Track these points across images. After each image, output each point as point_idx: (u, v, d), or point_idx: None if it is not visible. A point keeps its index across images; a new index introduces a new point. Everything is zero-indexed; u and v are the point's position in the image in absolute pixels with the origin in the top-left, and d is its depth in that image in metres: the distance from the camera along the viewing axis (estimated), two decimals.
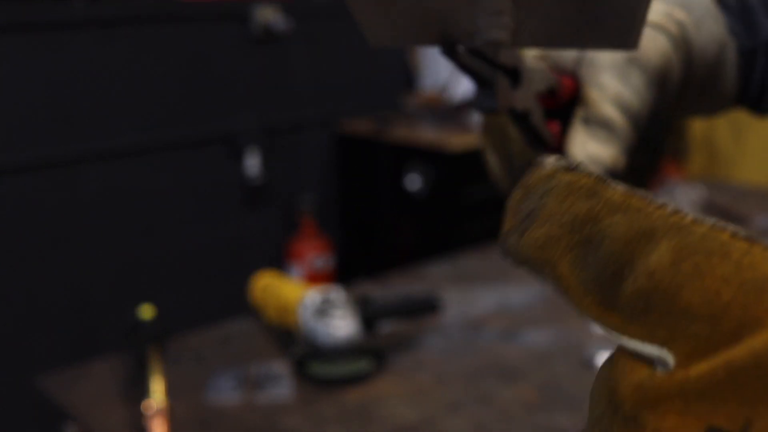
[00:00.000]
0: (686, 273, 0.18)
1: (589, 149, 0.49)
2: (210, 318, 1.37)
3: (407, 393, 1.00)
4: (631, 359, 0.19)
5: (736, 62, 0.58)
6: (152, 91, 2.56)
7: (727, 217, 1.64)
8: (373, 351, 1.04)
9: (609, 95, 0.50)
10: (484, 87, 0.41)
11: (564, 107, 0.52)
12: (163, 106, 2.60)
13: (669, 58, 0.53)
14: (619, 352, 0.20)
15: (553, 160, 0.22)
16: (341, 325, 1.00)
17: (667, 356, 0.18)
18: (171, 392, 0.99)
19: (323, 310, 1.02)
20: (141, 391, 0.99)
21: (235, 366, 1.06)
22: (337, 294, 1.06)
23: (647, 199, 0.19)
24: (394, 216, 2.88)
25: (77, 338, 2.50)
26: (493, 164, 0.56)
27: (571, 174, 0.20)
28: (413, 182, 2.80)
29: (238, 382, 1.02)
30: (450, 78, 3.15)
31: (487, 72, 0.40)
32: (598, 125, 0.50)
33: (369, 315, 1.06)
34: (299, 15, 2.81)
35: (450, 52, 0.35)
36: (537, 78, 0.46)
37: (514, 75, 0.43)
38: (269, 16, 2.72)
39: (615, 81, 0.51)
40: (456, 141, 2.67)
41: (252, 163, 2.80)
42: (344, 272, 3.05)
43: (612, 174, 0.49)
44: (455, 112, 2.95)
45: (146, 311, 1.05)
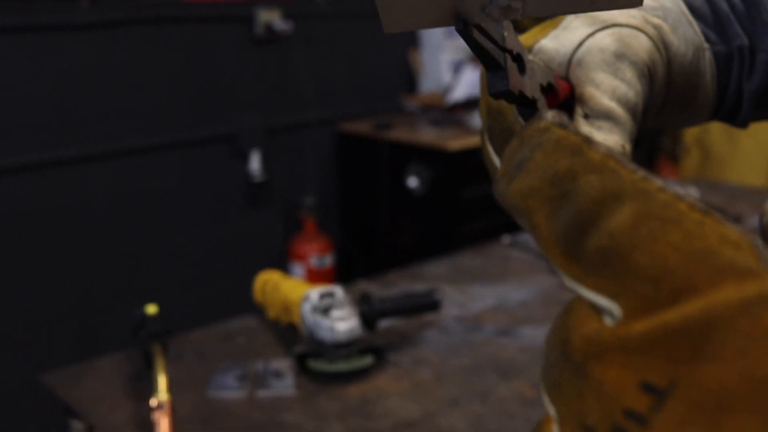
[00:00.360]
0: (642, 236, 0.19)
1: (596, 139, 0.51)
2: (212, 316, 1.38)
3: (407, 389, 1.01)
4: (584, 312, 0.20)
5: (713, 68, 0.59)
6: (154, 92, 2.58)
7: None
8: (374, 348, 1.05)
9: (605, 90, 0.52)
10: (496, 70, 0.43)
11: (560, 108, 0.53)
12: (166, 107, 2.61)
13: (654, 56, 0.55)
14: (574, 304, 0.21)
15: (551, 115, 0.23)
16: (342, 323, 1.02)
17: (616, 309, 0.19)
18: (174, 389, 1.00)
19: (324, 308, 1.03)
20: (145, 388, 1.00)
21: (238, 363, 1.08)
22: (338, 292, 1.07)
23: (623, 163, 0.21)
24: (394, 215, 2.90)
25: (82, 336, 2.51)
26: (495, 163, 0.57)
27: (562, 131, 0.22)
28: (413, 182, 2.82)
29: (241, 379, 1.03)
30: (450, 80, 3.16)
31: (498, 54, 0.42)
32: (600, 117, 0.51)
33: (369, 313, 1.08)
34: (301, 17, 2.83)
35: (464, 31, 0.37)
36: (538, 71, 0.48)
37: (520, 62, 0.45)
38: (271, 18, 2.73)
39: (608, 77, 0.52)
40: (455, 141, 2.68)
41: (254, 163, 2.81)
42: (345, 271, 3.06)
43: None
44: (455, 113, 2.96)
45: (150, 309, 1.06)
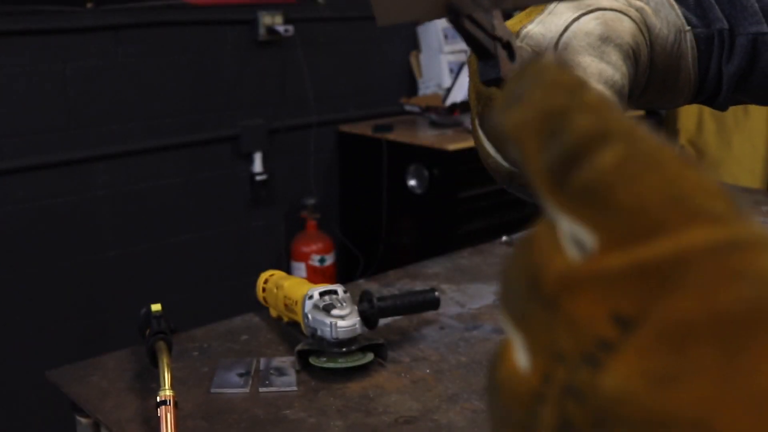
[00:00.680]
0: (624, 176, 0.20)
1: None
2: (216, 314, 1.40)
3: (406, 385, 1.02)
4: (550, 247, 0.21)
5: (694, 50, 0.60)
6: (158, 94, 2.59)
7: None
8: (374, 345, 1.06)
9: (592, 73, 0.53)
10: (487, 59, 0.44)
11: None
12: (169, 109, 2.62)
13: (637, 38, 0.56)
14: (536, 240, 0.22)
15: (551, 58, 0.24)
16: (343, 321, 1.03)
17: (591, 241, 0.20)
18: (178, 385, 1.01)
19: (326, 307, 1.05)
20: (150, 385, 1.02)
21: (241, 360, 1.09)
22: (339, 291, 1.08)
23: (617, 109, 0.21)
24: (395, 215, 2.91)
25: (87, 334, 2.53)
26: (494, 157, 0.58)
27: (563, 71, 0.22)
28: (413, 182, 2.83)
29: (243, 376, 1.05)
30: (450, 82, 3.17)
31: (488, 43, 0.43)
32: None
33: (370, 311, 1.09)
34: (303, 19, 2.84)
35: (455, 21, 0.38)
36: (527, 57, 0.49)
37: (510, 50, 0.46)
38: (274, 21, 2.75)
39: (594, 60, 0.53)
40: (455, 142, 2.70)
41: (256, 164, 2.83)
42: (345, 270, 3.08)
43: None
44: (454, 115, 2.98)
45: (155, 308, 1.08)
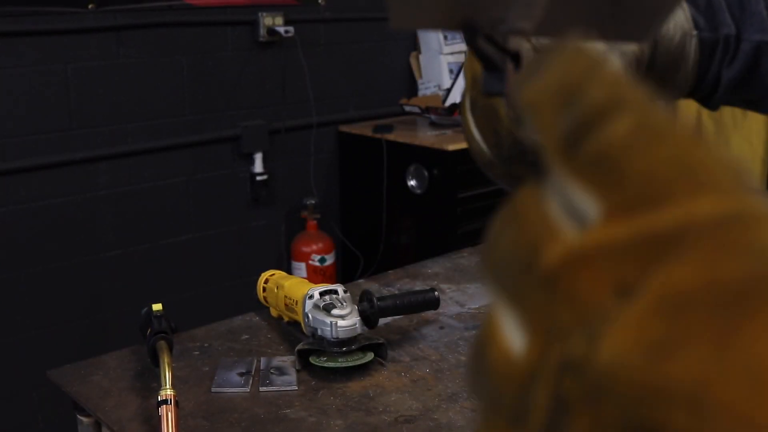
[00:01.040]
0: (636, 146, 0.20)
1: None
2: (217, 314, 1.40)
3: (406, 385, 1.03)
4: (545, 228, 0.21)
5: (697, 53, 0.61)
6: (159, 94, 2.60)
7: None
8: (374, 345, 1.07)
9: None
10: (494, 72, 0.43)
11: None
12: (170, 109, 2.63)
13: (642, 46, 0.56)
14: (529, 204, 0.22)
15: (577, 42, 0.24)
16: (343, 321, 1.04)
17: (596, 210, 0.20)
18: (179, 384, 1.02)
19: (326, 306, 1.05)
20: (151, 384, 1.02)
21: (241, 359, 1.09)
22: (339, 290, 1.09)
23: (633, 83, 0.21)
24: (395, 215, 2.92)
25: (89, 334, 2.53)
26: (479, 143, 0.58)
27: (585, 52, 0.22)
28: (413, 182, 2.84)
29: (244, 375, 1.05)
30: (450, 82, 3.18)
31: (499, 57, 0.43)
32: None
33: (370, 310, 1.09)
34: (303, 21, 2.85)
35: (471, 38, 0.38)
36: (531, 61, 0.49)
37: (517, 59, 0.46)
38: (274, 22, 2.76)
39: None
40: (455, 142, 2.70)
41: (257, 164, 2.83)
42: (346, 270, 3.08)
43: None
44: (454, 115, 2.98)
45: (156, 307, 1.08)
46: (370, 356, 1.06)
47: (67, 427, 1.19)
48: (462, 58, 3.24)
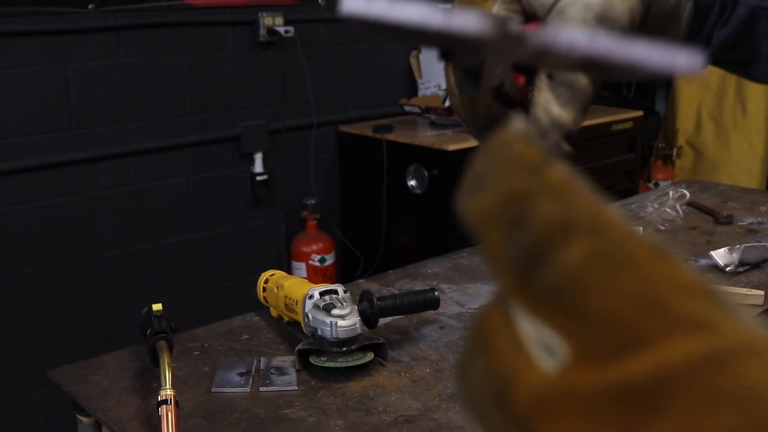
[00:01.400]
0: (593, 278, 0.18)
1: (552, 111, 0.52)
2: (217, 314, 1.40)
3: (406, 385, 1.03)
4: (518, 356, 0.19)
5: (690, 17, 0.61)
6: (159, 94, 2.60)
7: (713, 217, 1.67)
8: (374, 345, 1.07)
9: None
10: (471, 75, 0.44)
11: None
12: (171, 109, 2.63)
13: (634, 12, 0.55)
14: (500, 343, 0.19)
15: (516, 126, 0.22)
16: (343, 321, 1.04)
17: (564, 349, 0.18)
18: (179, 385, 1.02)
19: (326, 306, 1.05)
20: (151, 384, 1.02)
21: (241, 359, 1.09)
22: (340, 291, 1.09)
23: (581, 191, 0.19)
24: (395, 215, 2.92)
25: (89, 334, 2.53)
26: (458, 105, 0.58)
27: (524, 146, 0.21)
28: (413, 182, 2.84)
29: (244, 375, 1.05)
30: None
31: (475, 65, 0.43)
32: (563, 85, 0.52)
33: (370, 310, 1.09)
34: (303, 20, 2.85)
35: (446, 59, 0.38)
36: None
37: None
38: (274, 22, 2.75)
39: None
40: (455, 142, 2.70)
41: (257, 164, 2.83)
42: (346, 270, 3.08)
43: (570, 133, 0.52)
44: (454, 115, 2.98)
45: (156, 307, 1.08)
46: (370, 356, 1.06)
47: (67, 427, 1.19)
48: None
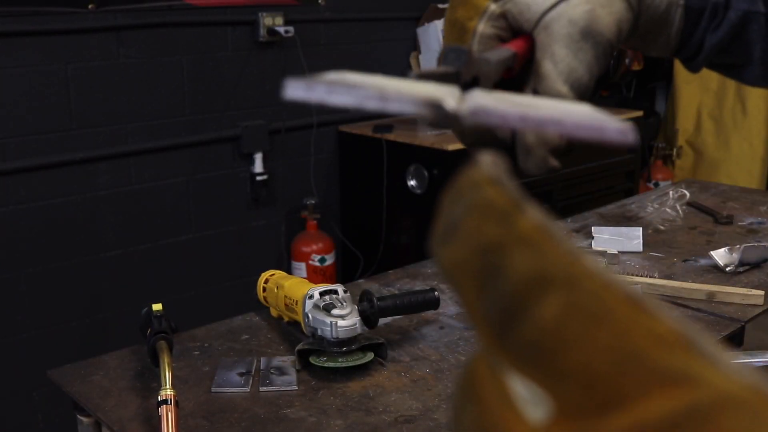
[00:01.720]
0: (570, 334, 0.17)
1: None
2: (217, 314, 1.40)
3: (406, 385, 1.03)
4: (508, 404, 0.19)
5: (682, 21, 0.61)
6: (159, 94, 2.60)
7: (713, 217, 1.67)
8: (374, 345, 1.07)
9: (562, 70, 0.52)
10: (458, 52, 0.43)
11: (518, 73, 0.54)
12: (171, 109, 2.63)
13: (622, 23, 0.55)
14: (487, 381, 0.20)
15: (485, 164, 0.21)
16: (343, 321, 1.04)
17: (549, 405, 0.18)
18: (179, 385, 1.02)
19: (326, 306, 1.05)
20: (151, 384, 1.02)
21: (241, 359, 1.09)
22: (339, 291, 1.09)
23: (555, 239, 0.19)
24: (395, 215, 2.92)
25: (89, 334, 2.53)
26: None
27: (494, 190, 0.20)
28: (413, 182, 2.84)
29: (244, 375, 1.05)
30: None
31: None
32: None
33: (370, 310, 1.09)
34: (304, 20, 2.85)
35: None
36: (494, 71, 0.49)
37: (475, 81, 0.45)
38: (274, 22, 2.75)
39: (569, 54, 0.52)
40: (455, 142, 2.70)
41: (257, 164, 2.83)
42: (346, 270, 3.09)
43: (557, 149, 0.52)
44: None
45: (156, 307, 1.08)
46: (370, 356, 1.06)
47: (67, 427, 1.19)
48: None
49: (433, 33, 3.21)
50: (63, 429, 2.44)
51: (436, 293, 1.15)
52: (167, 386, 0.92)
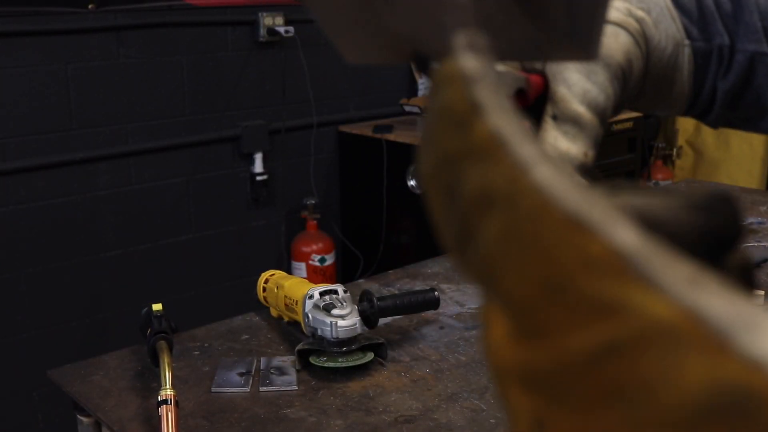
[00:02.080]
0: (506, 257, 0.17)
1: (560, 146, 0.52)
2: (217, 314, 1.40)
3: (406, 385, 1.03)
4: (497, 316, 0.18)
5: (691, 64, 0.60)
6: (159, 94, 2.60)
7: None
8: (374, 345, 1.07)
9: (576, 93, 0.53)
10: None
11: (533, 104, 0.54)
12: (171, 109, 2.63)
13: (631, 54, 0.56)
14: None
15: (460, 51, 0.19)
16: (343, 321, 1.04)
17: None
18: (179, 385, 1.02)
19: (326, 306, 1.05)
20: (151, 384, 1.02)
21: (241, 359, 1.09)
22: (339, 290, 1.09)
23: (506, 149, 0.17)
24: (395, 215, 2.92)
25: (89, 334, 2.53)
26: None
27: (453, 91, 0.18)
28: (413, 182, 2.84)
29: (244, 375, 1.05)
30: None
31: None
32: (568, 122, 0.52)
33: (370, 310, 1.09)
34: (304, 20, 2.84)
35: (423, 69, 0.38)
36: (509, 78, 0.49)
37: None
38: (274, 22, 2.75)
39: (582, 78, 0.53)
40: None
41: (257, 164, 2.83)
42: (346, 270, 3.09)
43: (583, 167, 0.52)
44: None
45: (156, 307, 1.08)
46: (370, 356, 1.06)
47: (67, 427, 1.19)
48: None
49: None
50: (63, 429, 2.44)
51: (436, 293, 1.15)
52: (167, 386, 0.92)
